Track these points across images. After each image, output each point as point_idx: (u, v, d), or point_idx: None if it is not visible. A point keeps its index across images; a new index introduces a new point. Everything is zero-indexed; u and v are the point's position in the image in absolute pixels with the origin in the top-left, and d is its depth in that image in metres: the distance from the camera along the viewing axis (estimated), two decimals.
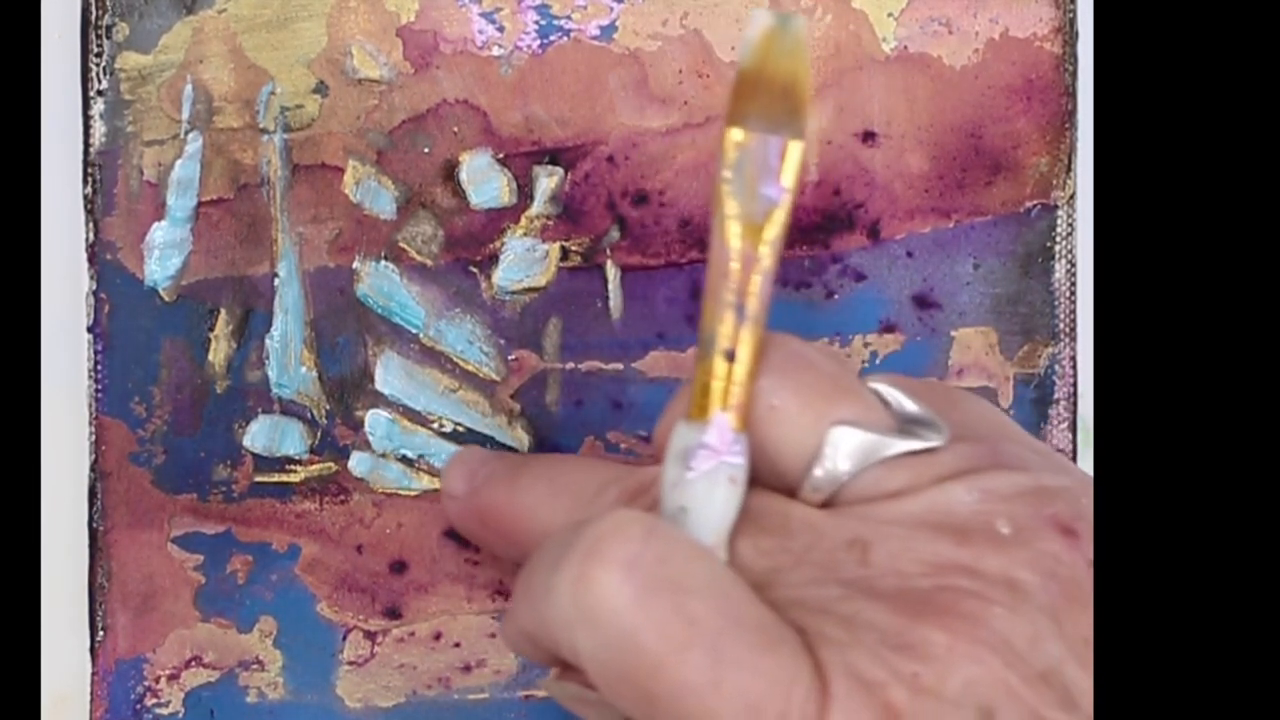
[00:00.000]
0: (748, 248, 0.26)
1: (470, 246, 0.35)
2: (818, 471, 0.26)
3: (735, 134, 0.26)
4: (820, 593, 0.25)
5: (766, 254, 0.26)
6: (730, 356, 0.26)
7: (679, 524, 0.26)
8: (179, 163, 0.34)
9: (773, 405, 0.26)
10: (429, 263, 0.35)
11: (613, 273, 0.35)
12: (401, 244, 0.35)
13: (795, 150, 0.26)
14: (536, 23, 0.34)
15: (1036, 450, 0.28)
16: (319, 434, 0.35)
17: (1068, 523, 0.25)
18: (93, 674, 0.35)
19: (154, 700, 0.35)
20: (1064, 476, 0.27)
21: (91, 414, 0.34)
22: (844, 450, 0.26)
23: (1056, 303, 0.35)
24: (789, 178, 0.26)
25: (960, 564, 0.25)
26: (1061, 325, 0.35)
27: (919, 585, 0.25)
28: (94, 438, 0.34)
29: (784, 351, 0.27)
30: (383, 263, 0.35)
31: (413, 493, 0.35)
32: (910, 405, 0.27)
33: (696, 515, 0.26)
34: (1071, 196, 0.35)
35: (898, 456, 0.26)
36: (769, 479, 0.27)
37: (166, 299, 0.34)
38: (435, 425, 0.35)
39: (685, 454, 0.26)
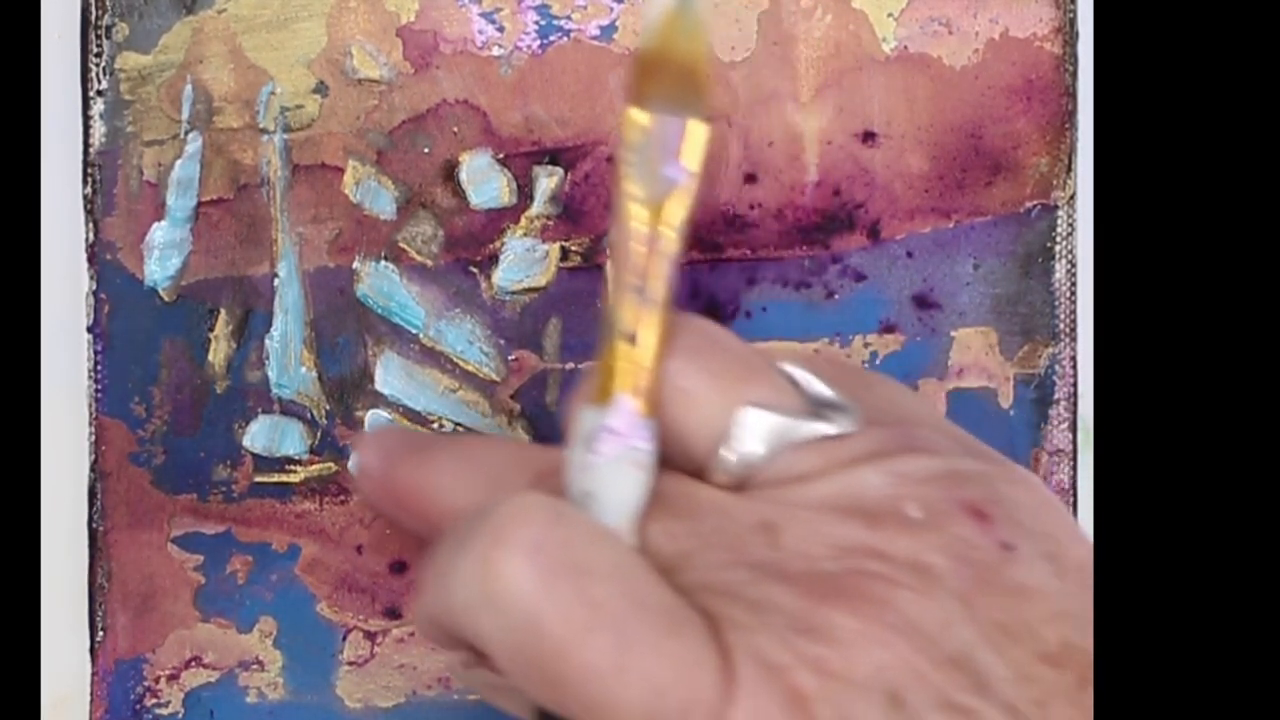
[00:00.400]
0: (650, 230, 0.26)
1: (470, 246, 0.35)
2: (727, 454, 0.26)
3: (636, 115, 0.26)
4: (728, 576, 0.25)
5: (668, 236, 0.26)
6: (633, 339, 0.26)
7: (585, 508, 0.26)
8: (179, 163, 0.34)
9: (682, 387, 0.26)
10: (429, 263, 0.35)
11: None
12: (401, 244, 0.35)
13: (697, 131, 0.26)
14: (536, 23, 0.34)
15: (951, 435, 0.28)
16: (319, 434, 0.35)
17: (980, 506, 0.25)
18: (93, 674, 0.35)
19: (154, 700, 0.35)
20: (978, 461, 0.26)
21: (91, 414, 0.34)
22: (754, 433, 0.26)
23: (1056, 303, 0.35)
24: (691, 159, 0.26)
25: (869, 547, 0.25)
26: (1061, 325, 0.35)
27: (827, 568, 0.24)
28: (94, 438, 0.34)
29: (693, 333, 0.27)
30: (383, 263, 0.35)
31: None
32: (822, 388, 0.27)
33: (603, 499, 0.26)
34: (1071, 196, 0.35)
35: (809, 439, 0.26)
36: (679, 462, 0.26)
37: (166, 299, 0.35)
38: (435, 425, 0.35)
39: (589, 438, 0.26)
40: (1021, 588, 0.25)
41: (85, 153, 0.34)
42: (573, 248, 0.35)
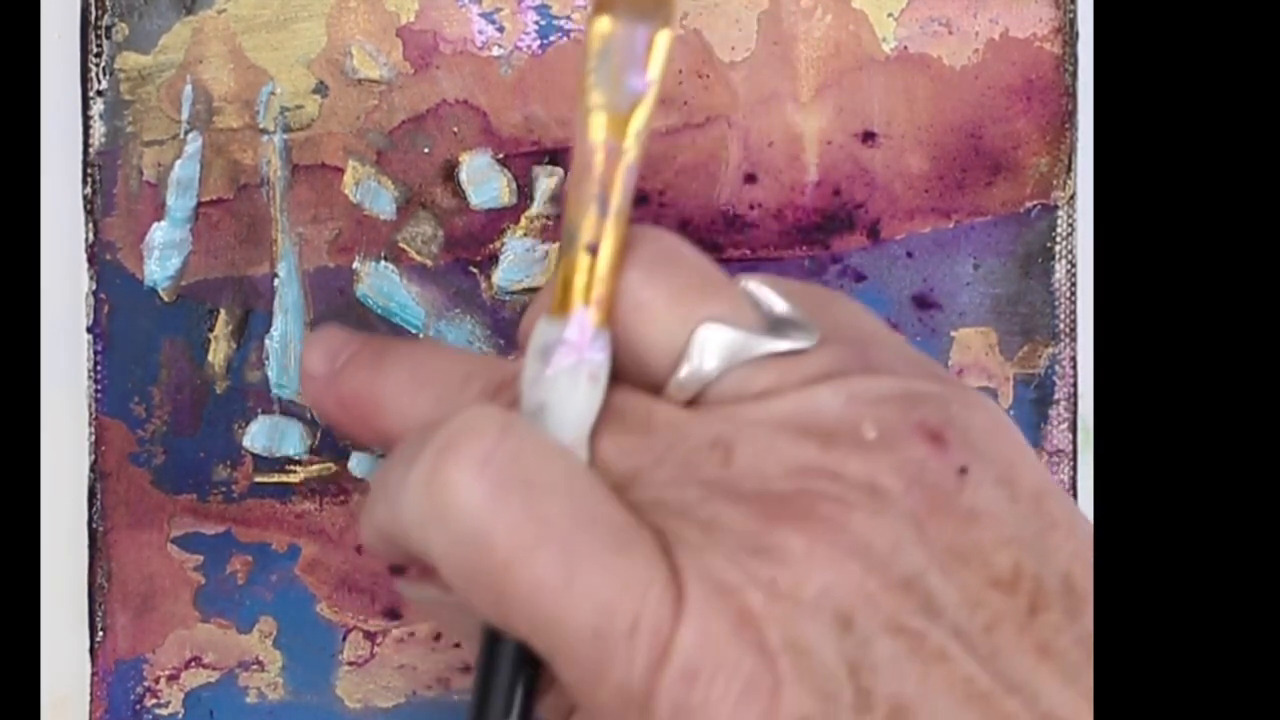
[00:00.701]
0: (612, 140, 0.26)
1: (470, 246, 0.35)
2: (684, 370, 0.26)
3: (601, 23, 0.26)
4: (681, 494, 0.25)
5: (631, 146, 0.26)
6: (593, 251, 0.26)
7: (538, 422, 0.25)
8: (179, 163, 0.34)
9: (640, 301, 0.26)
10: (429, 263, 0.35)
11: None
12: (401, 244, 0.35)
13: (663, 40, 0.26)
14: (536, 23, 0.34)
15: (910, 356, 0.27)
16: (319, 434, 0.35)
17: (935, 429, 0.25)
18: (93, 674, 0.35)
19: (154, 701, 0.35)
20: (935, 384, 0.26)
21: (91, 414, 0.34)
22: (711, 349, 0.26)
23: (1056, 303, 0.35)
24: (655, 68, 0.26)
25: (823, 467, 0.24)
26: (1061, 325, 0.35)
27: (780, 488, 0.24)
28: (94, 438, 0.34)
29: (654, 247, 0.26)
30: (383, 263, 0.35)
31: None
32: (781, 306, 0.27)
33: (555, 413, 0.25)
34: (1071, 196, 0.35)
35: (766, 357, 0.26)
36: (635, 377, 0.26)
37: (166, 299, 0.35)
38: None
39: (545, 350, 0.26)
40: (974, 512, 0.24)
41: (85, 153, 0.34)
42: None
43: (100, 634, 0.35)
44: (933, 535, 0.24)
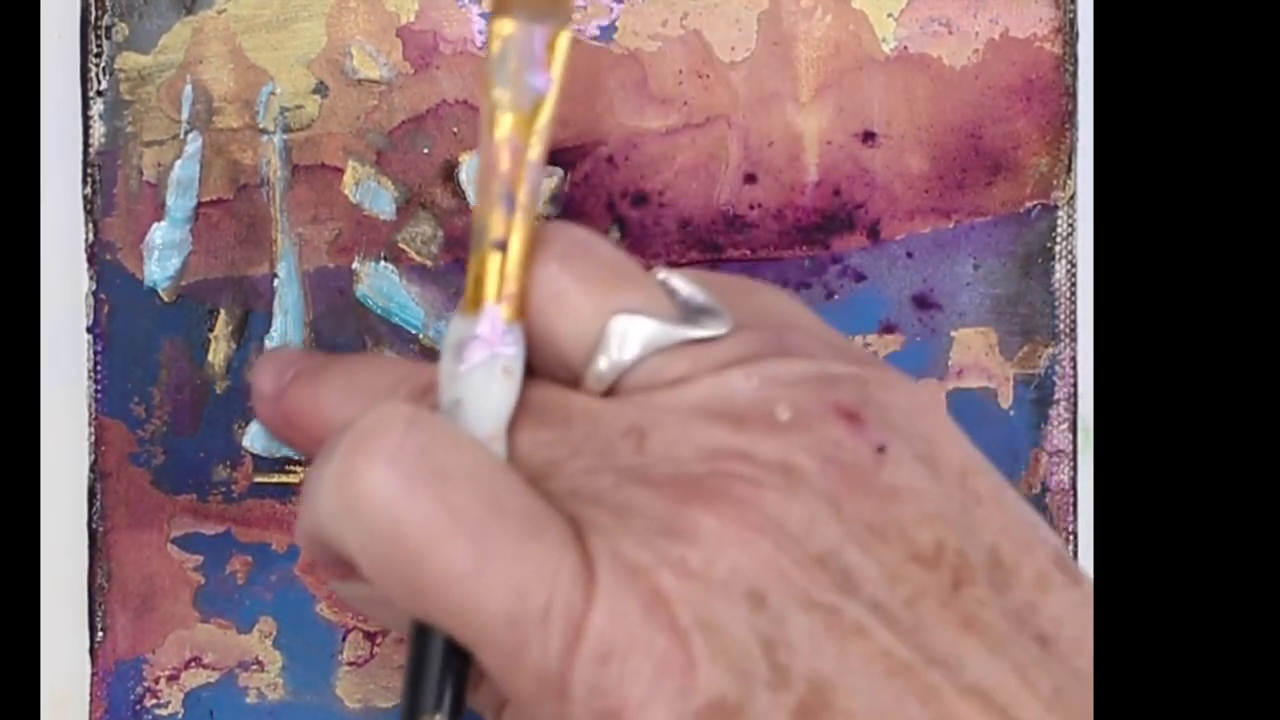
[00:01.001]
0: (517, 138, 0.26)
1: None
2: (600, 360, 0.26)
3: (501, 25, 0.26)
4: (595, 482, 0.25)
5: (535, 144, 0.26)
6: (501, 247, 0.26)
7: (454, 417, 0.26)
8: (179, 163, 0.34)
9: (555, 293, 0.26)
10: (429, 263, 0.35)
11: None
12: (401, 244, 0.35)
13: (562, 39, 0.26)
14: None
15: (829, 341, 0.27)
16: None
17: (851, 408, 0.25)
18: (92, 675, 0.35)
19: (154, 701, 0.35)
20: (853, 365, 0.26)
21: (91, 414, 0.34)
22: (626, 338, 0.26)
23: (1056, 303, 0.35)
24: (557, 67, 0.26)
25: (735, 449, 0.25)
26: (1061, 325, 0.35)
27: (693, 471, 0.24)
28: (94, 438, 0.34)
29: (567, 240, 0.27)
30: (382, 263, 0.35)
31: None
32: (696, 294, 0.27)
33: (471, 407, 0.26)
34: (1071, 196, 0.35)
35: (680, 344, 0.26)
36: (553, 369, 0.27)
37: (166, 299, 0.35)
38: None
39: (459, 346, 0.26)
40: (893, 488, 0.25)
41: (85, 153, 0.34)
42: None
43: (100, 634, 0.35)
44: (850, 512, 0.24)
